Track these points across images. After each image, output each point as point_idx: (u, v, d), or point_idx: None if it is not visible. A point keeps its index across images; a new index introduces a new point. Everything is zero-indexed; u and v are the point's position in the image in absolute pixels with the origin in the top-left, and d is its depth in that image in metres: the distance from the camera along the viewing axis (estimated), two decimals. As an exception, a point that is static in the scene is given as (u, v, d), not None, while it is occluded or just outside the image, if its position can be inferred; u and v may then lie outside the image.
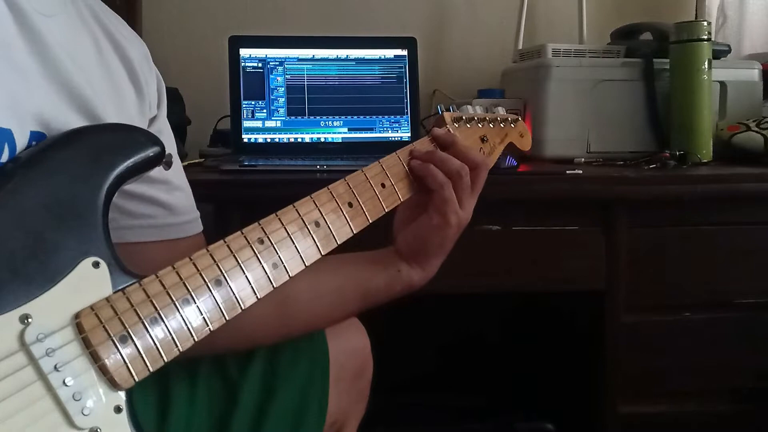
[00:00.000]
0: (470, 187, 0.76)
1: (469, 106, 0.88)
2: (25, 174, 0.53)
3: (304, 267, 0.64)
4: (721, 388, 1.21)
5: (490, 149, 0.87)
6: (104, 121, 0.62)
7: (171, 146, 0.73)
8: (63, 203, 0.54)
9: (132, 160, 0.58)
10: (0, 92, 0.54)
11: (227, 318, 0.58)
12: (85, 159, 0.56)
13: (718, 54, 1.43)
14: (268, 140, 1.36)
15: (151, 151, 0.60)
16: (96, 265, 0.54)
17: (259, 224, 0.63)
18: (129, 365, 0.53)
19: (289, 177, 1.12)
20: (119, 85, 0.68)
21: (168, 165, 0.64)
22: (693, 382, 1.20)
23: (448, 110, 0.86)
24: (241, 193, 1.07)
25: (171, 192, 0.71)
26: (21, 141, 0.55)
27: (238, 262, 0.60)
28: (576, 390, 1.32)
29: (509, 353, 1.56)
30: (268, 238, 0.62)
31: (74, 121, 0.60)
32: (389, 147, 1.37)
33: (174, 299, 0.56)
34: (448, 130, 0.82)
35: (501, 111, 0.92)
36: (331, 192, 0.69)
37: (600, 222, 1.15)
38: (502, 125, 0.89)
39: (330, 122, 1.38)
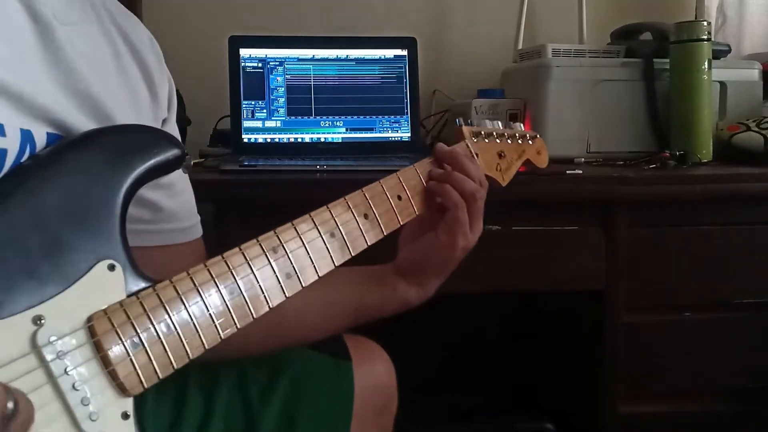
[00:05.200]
0: (482, 210, 0.76)
1: (487, 121, 0.87)
2: (43, 174, 0.53)
3: (317, 277, 0.64)
4: (721, 388, 1.21)
5: (507, 165, 0.87)
6: None
7: None
8: (80, 204, 0.53)
9: (151, 162, 0.57)
10: (21, 97, 0.54)
11: (239, 327, 0.58)
12: (103, 160, 0.56)
13: (718, 54, 1.43)
14: (268, 140, 1.36)
15: (171, 154, 0.59)
16: (111, 268, 0.53)
17: (275, 232, 0.62)
18: (139, 371, 0.52)
19: (289, 177, 1.12)
20: (136, 90, 0.67)
21: (187, 168, 0.64)
22: (693, 382, 1.20)
23: (467, 124, 0.85)
24: (241, 193, 1.07)
25: (173, 197, 0.70)
26: (39, 141, 0.56)
27: (252, 271, 0.59)
28: (576, 390, 1.32)
29: (509, 353, 1.56)
30: (283, 246, 0.62)
31: (92, 128, 0.59)
32: (389, 147, 1.40)
33: (187, 306, 0.55)
34: (467, 144, 0.82)
35: (519, 127, 0.91)
36: (347, 202, 0.68)
37: (600, 222, 1.15)
38: (519, 141, 0.89)
39: (330, 122, 1.38)
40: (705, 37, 1.32)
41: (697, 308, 1.19)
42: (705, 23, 1.34)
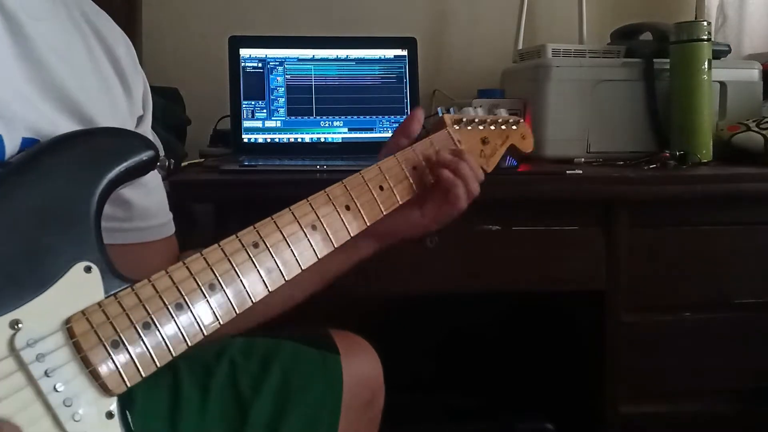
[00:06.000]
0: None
1: (470, 108, 0.87)
2: (18, 178, 0.53)
3: (300, 270, 0.64)
4: (721, 388, 1.21)
5: (492, 151, 0.86)
6: (99, 125, 0.62)
7: None
8: (55, 208, 0.53)
9: (126, 164, 0.57)
10: None
11: (222, 322, 0.57)
12: (78, 163, 0.56)
13: (718, 54, 1.43)
14: (268, 140, 1.36)
15: (145, 155, 0.59)
16: (88, 269, 0.53)
17: (254, 228, 0.62)
18: (121, 370, 0.52)
19: (289, 177, 1.12)
20: (110, 86, 0.67)
21: (163, 168, 0.64)
22: (693, 382, 1.20)
23: (448, 112, 0.85)
24: (241, 193, 1.07)
25: (147, 195, 0.71)
26: (11, 146, 0.55)
27: (233, 266, 0.59)
28: (576, 390, 1.32)
29: (509, 353, 1.56)
30: (263, 241, 0.61)
31: (67, 126, 0.59)
32: (389, 147, 1.38)
33: (167, 303, 0.55)
34: (449, 132, 0.82)
35: (502, 113, 0.91)
36: (327, 195, 0.68)
37: (600, 222, 1.15)
38: (503, 127, 0.89)
39: (330, 122, 1.38)
40: (705, 37, 1.31)
41: (697, 308, 1.19)
42: (705, 23, 1.33)
